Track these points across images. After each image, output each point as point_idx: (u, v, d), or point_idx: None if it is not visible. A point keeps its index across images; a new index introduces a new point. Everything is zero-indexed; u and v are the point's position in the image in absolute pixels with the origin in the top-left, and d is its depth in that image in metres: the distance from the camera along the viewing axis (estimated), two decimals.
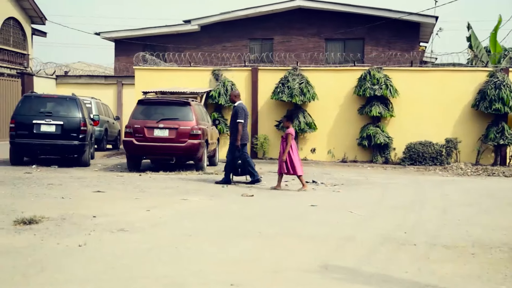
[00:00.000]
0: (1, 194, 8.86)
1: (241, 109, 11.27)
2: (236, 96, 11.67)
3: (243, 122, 11.21)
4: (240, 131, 11.15)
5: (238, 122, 11.17)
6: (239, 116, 11.19)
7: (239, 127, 11.16)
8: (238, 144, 11.15)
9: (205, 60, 21.88)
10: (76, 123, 14.09)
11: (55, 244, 5.58)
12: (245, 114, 11.31)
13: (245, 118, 11.30)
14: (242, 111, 11.25)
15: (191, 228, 6.64)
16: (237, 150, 11.18)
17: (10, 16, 25.52)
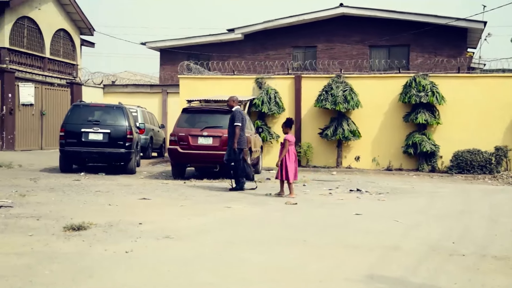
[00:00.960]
0: (52, 200, 9.11)
1: (239, 113, 11.33)
2: (234, 101, 11.77)
3: (240, 126, 11.24)
4: (237, 134, 11.18)
5: (235, 126, 11.22)
6: (236, 119, 11.24)
7: (236, 131, 11.21)
8: (234, 147, 11.19)
9: (248, 68, 21.99)
10: (123, 132, 14.37)
11: (103, 250, 5.69)
12: (242, 119, 11.33)
13: (243, 123, 11.34)
14: (240, 115, 11.29)
15: (235, 236, 6.66)
16: (233, 153, 11.22)
17: (61, 27, 26.30)
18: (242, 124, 11.32)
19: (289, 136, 10.77)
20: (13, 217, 7.35)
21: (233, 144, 11.24)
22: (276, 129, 18.80)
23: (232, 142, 11.28)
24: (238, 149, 11.29)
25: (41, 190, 10.38)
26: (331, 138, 18.09)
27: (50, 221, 7.12)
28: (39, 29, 24.66)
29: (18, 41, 23.28)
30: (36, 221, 7.16)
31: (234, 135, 11.23)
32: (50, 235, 6.31)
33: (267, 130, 18.56)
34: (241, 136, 11.34)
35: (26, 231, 6.51)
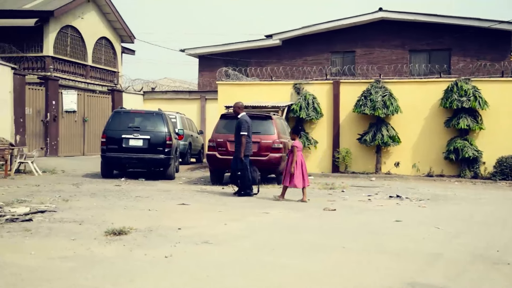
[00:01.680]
0: (94, 205, 9.29)
1: (245, 121, 11.32)
2: (240, 107, 11.73)
3: (247, 134, 11.24)
4: (243, 144, 11.19)
5: (241, 135, 11.20)
6: (243, 128, 11.23)
7: (243, 140, 11.19)
8: (241, 157, 11.21)
9: (286, 74, 21.99)
10: (162, 138, 14.55)
11: (143, 255, 5.76)
12: (248, 127, 11.34)
13: (249, 131, 11.34)
14: (246, 123, 11.29)
15: (273, 241, 6.65)
16: (239, 161, 11.25)
17: (102, 36, 26.89)
18: (248, 132, 11.33)
19: (297, 142, 10.86)
20: (57, 222, 7.53)
21: (240, 153, 11.23)
22: (314, 134, 18.73)
23: (239, 152, 11.27)
24: (245, 156, 11.29)
25: (83, 195, 10.60)
26: (370, 143, 17.90)
27: (92, 226, 7.26)
28: (81, 37, 25.26)
29: (61, 50, 23.89)
30: (79, 225, 7.31)
31: (241, 145, 11.21)
32: (92, 240, 6.43)
33: (305, 135, 18.49)
34: (248, 142, 11.37)
35: (69, 235, 6.65)
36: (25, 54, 22.84)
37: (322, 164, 18.76)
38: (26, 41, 22.98)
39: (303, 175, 10.73)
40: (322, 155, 18.78)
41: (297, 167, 10.65)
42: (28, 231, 6.79)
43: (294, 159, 10.65)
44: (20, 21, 22.27)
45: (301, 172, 10.72)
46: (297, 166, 10.66)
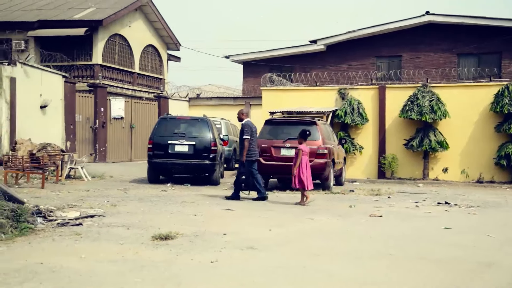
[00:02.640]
0: (141, 210, 9.45)
1: (247, 126, 11.47)
2: (244, 114, 11.86)
3: (250, 138, 11.38)
4: (246, 147, 11.32)
5: (244, 139, 11.37)
6: (245, 132, 11.40)
7: (245, 143, 11.34)
8: (243, 160, 11.34)
9: (331, 79, 21.87)
10: (207, 143, 14.68)
11: (189, 260, 5.81)
12: (251, 131, 11.46)
13: (252, 135, 11.45)
14: (248, 128, 11.45)
15: (318, 248, 6.61)
16: (241, 165, 11.41)
17: (149, 43, 27.41)
18: (251, 136, 11.44)
19: (303, 146, 11.05)
20: (106, 226, 7.69)
21: (243, 157, 11.39)
22: (360, 140, 18.54)
23: (241, 155, 11.44)
24: (249, 161, 11.41)
25: (130, 200, 10.80)
26: (417, 149, 17.58)
27: (139, 230, 7.38)
28: (129, 45, 25.81)
29: (110, 58, 24.48)
30: (127, 230, 7.45)
31: (243, 148, 11.39)
32: (140, 244, 6.54)
33: (350, 141, 18.32)
34: (252, 148, 11.46)
35: (117, 239, 6.78)
36: (75, 62, 23.50)
37: (367, 170, 18.55)
38: (76, 50, 23.66)
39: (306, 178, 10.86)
40: (368, 161, 18.56)
41: (303, 169, 10.81)
42: (78, 235, 6.96)
43: (298, 162, 10.82)
44: (71, 30, 22.96)
45: (306, 175, 10.85)
46: (303, 168, 10.82)
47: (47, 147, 14.50)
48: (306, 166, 10.91)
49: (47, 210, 8.24)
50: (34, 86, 18.21)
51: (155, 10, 26.65)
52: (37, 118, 18.32)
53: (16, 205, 7.43)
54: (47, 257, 5.73)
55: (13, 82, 17.17)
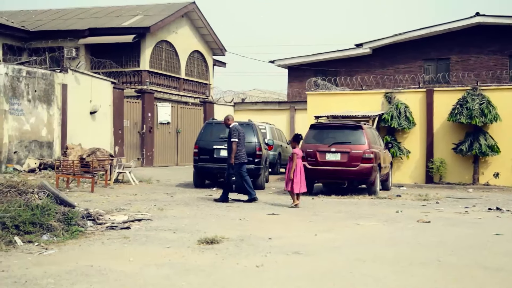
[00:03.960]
0: (187, 214, 9.55)
1: (235, 130, 11.77)
2: (230, 119, 12.11)
3: (237, 141, 11.66)
4: (234, 150, 11.59)
5: (232, 141, 11.63)
6: (233, 136, 11.67)
7: (233, 146, 11.61)
8: (232, 162, 11.58)
9: (377, 83, 21.61)
10: (252, 148, 14.72)
11: (235, 264, 5.84)
12: (238, 134, 11.75)
13: (240, 138, 11.74)
14: (236, 131, 11.74)
15: (365, 253, 6.52)
16: (230, 167, 11.62)
17: (195, 49, 27.76)
18: (239, 139, 11.70)
19: (297, 150, 11.26)
20: (153, 230, 7.81)
21: (231, 159, 11.61)
22: (407, 144, 18.22)
23: (230, 158, 11.66)
24: (237, 164, 11.64)
25: (176, 205, 10.94)
26: (466, 153, 17.15)
27: (185, 234, 7.47)
28: (175, 51, 26.21)
29: (157, 64, 24.91)
30: (173, 234, 7.54)
31: (232, 151, 11.63)
32: (186, 248, 6.61)
33: (397, 145, 18.03)
34: (239, 150, 11.72)
35: (164, 243, 6.88)
36: (123, 69, 24.03)
37: (414, 175, 18.21)
38: (125, 56, 24.20)
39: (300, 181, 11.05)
40: (415, 165, 18.23)
41: (296, 174, 10.99)
42: (127, 239, 7.09)
43: (293, 166, 11.00)
44: (119, 37, 23.50)
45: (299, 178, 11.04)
46: (296, 172, 11.00)
47: (96, 152, 14.85)
48: (300, 170, 11.10)
49: (96, 214, 8.43)
50: (84, 93, 18.71)
51: (201, 16, 26.97)
52: (87, 123, 18.81)
53: (67, 209, 7.64)
54: (96, 259, 5.87)
55: (64, 89, 17.68)
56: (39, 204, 7.26)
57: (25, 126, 16.57)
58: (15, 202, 7.20)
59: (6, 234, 6.52)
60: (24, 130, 16.53)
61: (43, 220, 6.97)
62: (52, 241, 6.69)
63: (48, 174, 15.34)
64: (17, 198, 7.43)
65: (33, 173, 15.47)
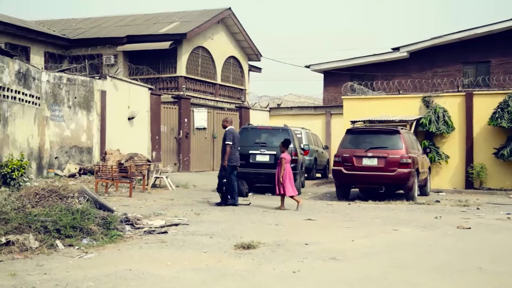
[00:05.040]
0: (223, 219, 9.60)
1: (230, 133, 11.83)
2: (227, 122, 12.20)
3: (231, 144, 11.71)
4: (227, 152, 11.66)
5: (225, 144, 11.71)
6: (227, 138, 11.75)
7: (227, 149, 11.68)
8: (225, 164, 11.67)
9: (414, 87, 21.32)
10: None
11: (271, 269, 5.84)
12: (233, 137, 11.82)
13: (234, 142, 11.80)
14: (231, 134, 11.80)
15: (403, 260, 6.43)
16: (223, 169, 11.72)
17: (231, 55, 27.94)
18: (233, 142, 11.76)
19: (285, 154, 11.55)
20: (190, 234, 7.87)
21: (224, 161, 11.71)
22: (446, 149, 17.90)
23: (223, 160, 11.76)
24: (230, 166, 11.71)
25: (213, 209, 11.00)
26: (508, 158, 16.74)
27: (222, 239, 7.50)
28: (211, 57, 26.43)
29: (193, 70, 25.17)
30: (209, 238, 7.59)
31: (225, 153, 11.70)
32: (222, 253, 6.64)
33: (435, 150, 17.73)
34: (233, 154, 11.77)
35: (201, 248, 6.93)
36: (160, 75, 24.36)
37: (453, 180, 17.87)
38: (162, 62, 24.54)
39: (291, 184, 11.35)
40: (454, 171, 17.89)
41: (286, 176, 11.29)
42: (164, 243, 7.17)
43: (281, 170, 11.28)
44: (156, 44, 23.84)
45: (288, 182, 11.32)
46: (286, 175, 11.30)
47: (134, 157, 15.07)
48: (288, 174, 11.35)
49: (134, 218, 8.55)
50: (123, 99, 19.03)
51: (237, 22, 27.13)
52: (125, 129, 19.11)
53: (106, 213, 7.78)
54: (135, 263, 5.95)
55: (103, 95, 18.02)
56: (79, 209, 7.42)
57: (66, 132, 16.94)
58: (57, 207, 7.37)
59: (48, 238, 6.68)
60: (64, 136, 16.91)
61: (83, 224, 7.11)
62: (91, 245, 6.82)
63: (87, 179, 15.64)
64: (58, 202, 7.61)
65: (73, 178, 15.80)
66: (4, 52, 14.25)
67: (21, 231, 6.68)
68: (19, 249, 6.30)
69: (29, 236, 6.55)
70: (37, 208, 7.37)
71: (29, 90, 15.06)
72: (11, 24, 22.60)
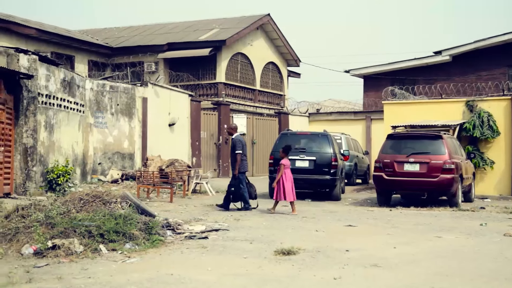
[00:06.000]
0: (263, 225, 9.60)
1: (238, 141, 11.85)
2: (233, 129, 12.37)
3: (241, 153, 11.76)
4: (238, 161, 11.72)
5: (236, 153, 11.70)
6: (237, 147, 11.74)
7: (238, 158, 11.70)
8: (236, 173, 11.73)
9: (457, 91, 20.90)
10: (328, 159, 14.61)
11: (312, 276, 5.80)
12: (242, 145, 11.85)
13: (243, 149, 11.86)
14: (239, 143, 11.82)
15: (447, 268, 6.30)
16: (233, 178, 11.82)
17: (270, 61, 27.99)
18: (242, 151, 11.84)
19: (285, 160, 11.63)
20: (230, 240, 7.91)
21: (235, 170, 11.77)
22: (491, 154, 17.45)
23: (234, 169, 11.82)
24: (240, 173, 11.77)
25: (252, 215, 11.02)
26: None
27: (261, 245, 7.50)
28: (250, 63, 26.55)
29: (232, 76, 25.33)
30: (249, 244, 7.60)
31: (235, 162, 11.75)
32: (263, 258, 6.64)
33: (480, 155, 17.31)
34: (243, 160, 11.86)
35: (241, 253, 6.94)
36: (200, 81, 24.61)
37: (499, 186, 17.40)
38: (201, 69, 24.79)
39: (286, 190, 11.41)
40: (500, 176, 17.42)
41: (286, 182, 11.40)
42: (205, 248, 7.22)
43: (278, 176, 11.43)
44: (196, 51, 24.10)
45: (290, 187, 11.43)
46: (286, 181, 11.41)
47: (175, 163, 15.25)
48: (287, 179, 11.45)
49: (175, 224, 8.64)
50: (163, 105, 19.30)
51: (276, 28, 27.18)
52: (165, 135, 19.37)
53: (148, 218, 7.89)
54: (176, 268, 6.01)
55: (144, 102, 18.32)
56: (122, 214, 7.54)
57: (109, 139, 17.29)
58: (100, 212, 7.51)
59: (92, 242, 6.82)
60: (107, 142, 17.26)
61: (126, 229, 7.23)
62: (134, 249, 6.93)
63: (129, 184, 15.91)
64: (102, 207, 7.75)
65: (116, 184, 16.09)
66: (50, 61, 14.66)
67: (66, 236, 6.84)
68: (64, 253, 6.45)
69: (74, 240, 6.70)
70: (82, 213, 7.53)
71: (74, 98, 15.44)
72: (57, 33, 23.24)
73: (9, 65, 12.60)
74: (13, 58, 12.70)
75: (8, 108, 12.54)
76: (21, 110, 12.96)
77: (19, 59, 12.77)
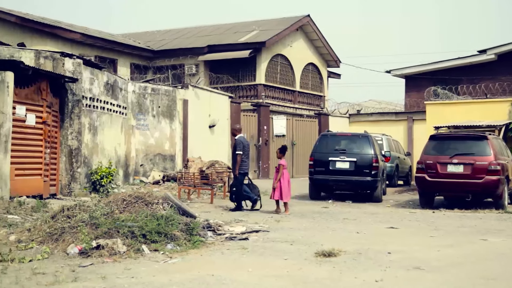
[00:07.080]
0: (303, 226, 9.58)
1: (240, 142, 11.99)
2: (237, 130, 12.49)
3: (242, 154, 11.89)
4: (238, 162, 11.86)
5: (237, 154, 11.88)
6: (238, 148, 11.90)
7: (238, 158, 11.86)
8: (236, 174, 11.87)
9: (503, 90, 20.39)
10: (369, 160, 14.46)
11: (353, 278, 5.75)
12: (243, 146, 12.00)
13: (244, 150, 12.01)
14: (241, 144, 11.97)
15: (492, 271, 6.15)
16: (234, 178, 12.00)
17: (309, 62, 27.89)
18: (244, 152, 11.99)
19: (283, 161, 11.77)
20: (270, 241, 7.91)
21: (235, 170, 11.92)
22: None
23: (234, 169, 11.98)
24: (240, 174, 11.89)
25: (293, 216, 11.00)
26: None
27: (302, 246, 7.48)
28: (290, 64, 26.50)
29: (272, 77, 25.34)
30: (290, 245, 7.59)
31: (236, 163, 11.93)
32: (303, 260, 6.62)
33: None
34: (243, 162, 11.99)
35: (281, 255, 6.94)
36: (240, 83, 24.70)
37: None
38: (241, 71, 24.88)
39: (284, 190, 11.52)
40: None
41: (284, 182, 11.50)
42: (245, 249, 7.25)
43: (278, 176, 11.54)
44: (236, 53, 24.20)
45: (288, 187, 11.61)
46: (284, 182, 11.52)
47: (215, 164, 15.37)
48: (284, 180, 11.57)
49: (216, 225, 8.70)
50: (204, 107, 19.47)
51: (316, 29, 27.06)
52: (206, 137, 19.53)
53: (189, 219, 7.97)
54: (217, 269, 6.05)
55: (185, 104, 18.52)
56: (164, 215, 7.64)
57: (150, 141, 17.55)
58: (142, 213, 7.63)
59: (134, 243, 6.93)
60: (149, 144, 17.52)
61: (167, 230, 7.32)
62: (175, 250, 7.01)
63: (171, 185, 16.10)
64: (144, 208, 7.87)
65: (157, 185, 16.32)
66: (94, 64, 15.00)
67: (110, 236, 6.97)
68: (108, 253, 6.58)
69: (117, 240, 6.82)
70: (125, 214, 7.66)
71: (117, 100, 15.74)
72: (101, 38, 23.73)
73: (55, 69, 12.95)
74: (58, 62, 13.05)
75: (54, 111, 12.89)
76: (66, 112, 13.30)
77: (64, 63, 13.11)
